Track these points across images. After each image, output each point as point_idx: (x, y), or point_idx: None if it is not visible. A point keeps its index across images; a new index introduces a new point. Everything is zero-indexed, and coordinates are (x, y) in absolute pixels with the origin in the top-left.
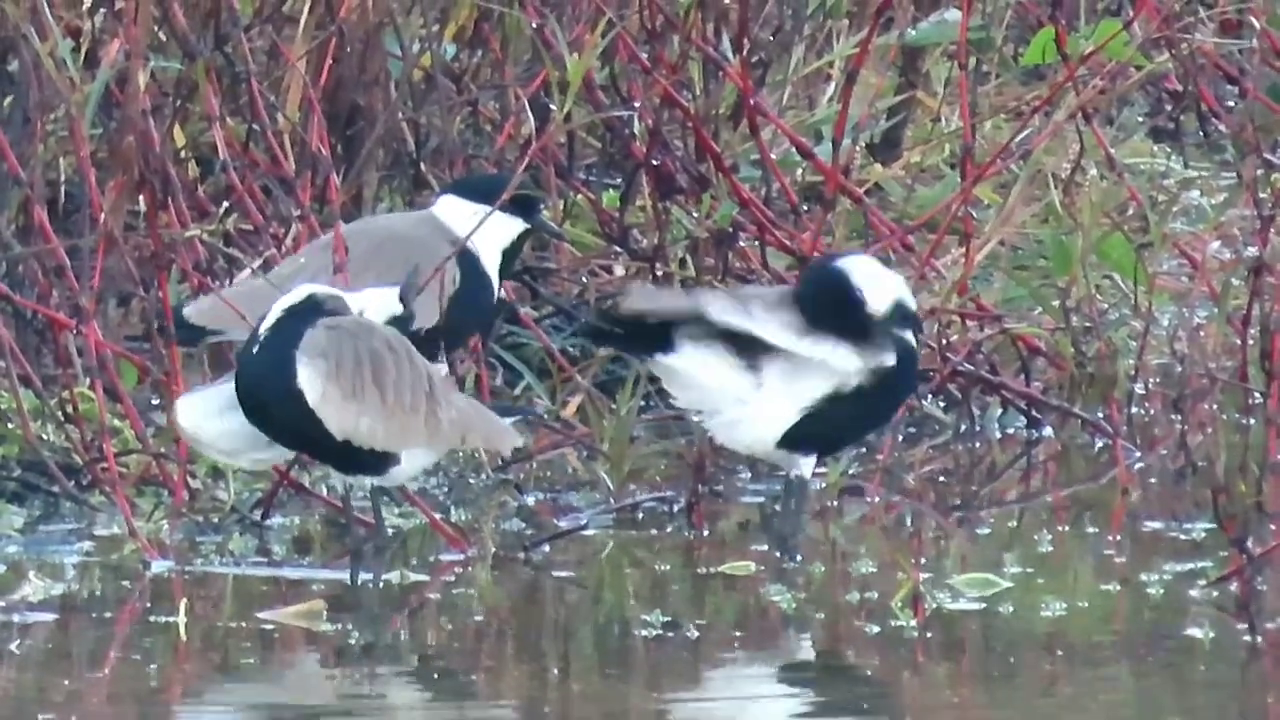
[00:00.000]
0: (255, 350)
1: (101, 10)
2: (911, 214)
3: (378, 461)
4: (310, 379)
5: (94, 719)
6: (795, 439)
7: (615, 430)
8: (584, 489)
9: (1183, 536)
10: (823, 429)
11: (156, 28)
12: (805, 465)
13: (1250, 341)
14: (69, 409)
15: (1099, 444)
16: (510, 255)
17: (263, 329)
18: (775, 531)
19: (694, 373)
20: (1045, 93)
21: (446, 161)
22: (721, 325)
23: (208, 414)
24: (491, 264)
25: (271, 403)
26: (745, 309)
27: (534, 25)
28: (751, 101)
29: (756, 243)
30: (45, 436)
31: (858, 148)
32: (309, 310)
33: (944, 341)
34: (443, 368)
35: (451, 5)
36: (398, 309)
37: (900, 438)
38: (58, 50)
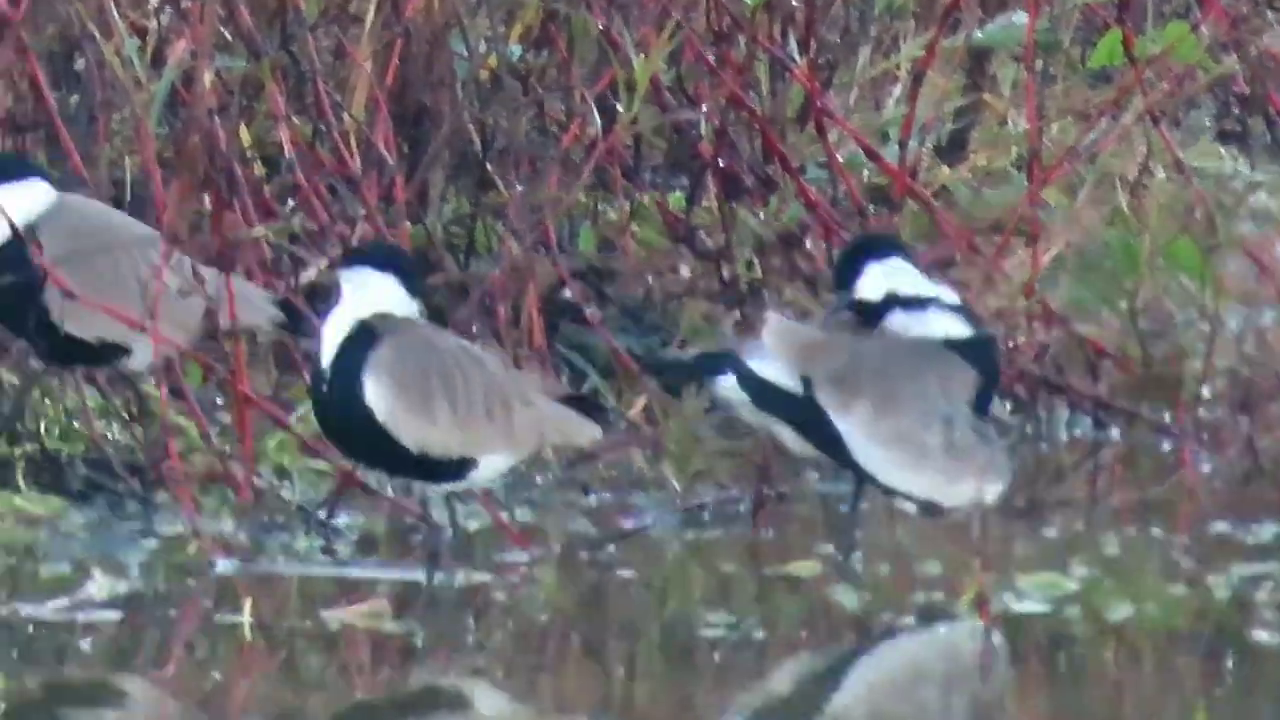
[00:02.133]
0: (324, 385)
1: (167, 9)
2: (978, 216)
3: (456, 469)
4: (378, 395)
5: (158, 718)
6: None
7: (681, 430)
8: (649, 489)
9: (1250, 539)
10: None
11: (222, 27)
12: None
13: None
14: (134, 408)
15: (1166, 446)
16: None
17: (325, 361)
18: (839, 529)
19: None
20: (1112, 95)
21: (512, 162)
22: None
23: None
24: None
25: (350, 427)
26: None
27: (601, 26)
28: (818, 103)
29: (823, 244)
30: (110, 435)
31: (924, 149)
32: (367, 335)
33: (1011, 344)
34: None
35: (518, 6)
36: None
37: None
38: (124, 49)
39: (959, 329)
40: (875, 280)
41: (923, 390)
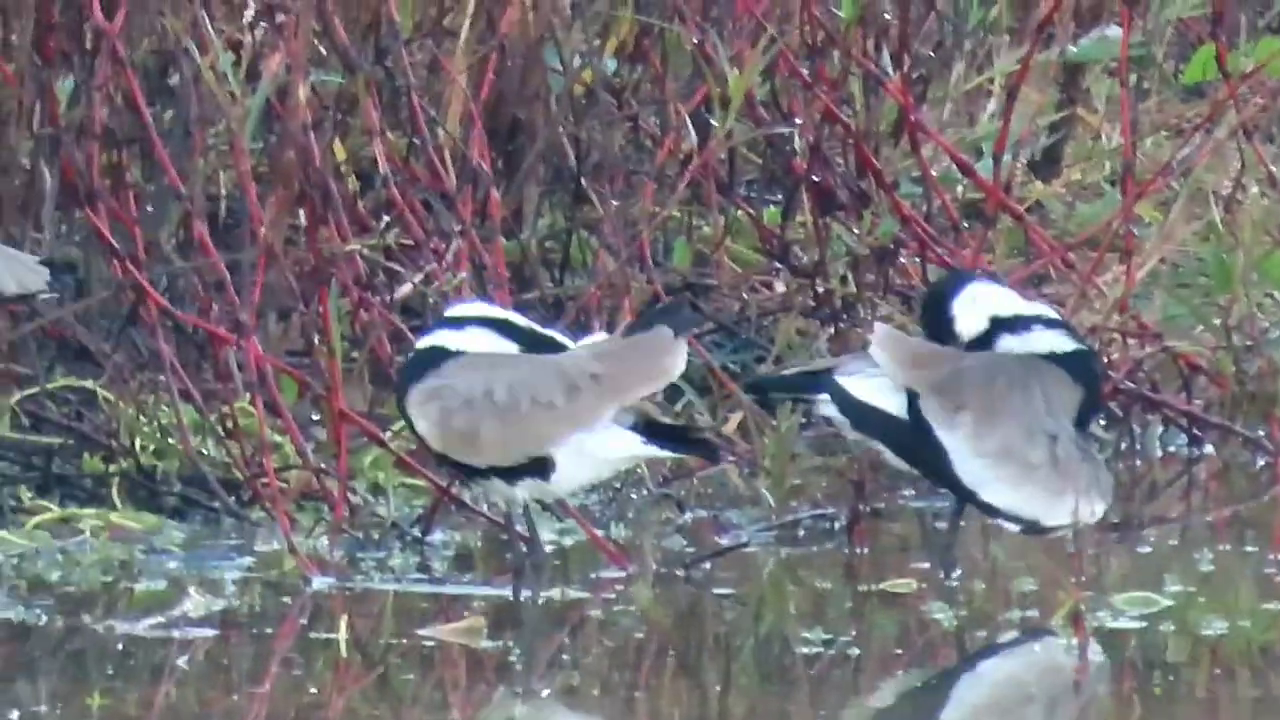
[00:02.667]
0: (398, 380)
1: (262, 24)
2: (1072, 231)
3: (530, 470)
4: (425, 429)
5: None
6: None
7: (776, 446)
8: (745, 506)
9: None
10: None
11: (317, 41)
12: None
13: None
14: (229, 424)
15: (1260, 462)
16: None
17: (408, 358)
18: (936, 545)
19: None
20: (1206, 110)
21: (607, 177)
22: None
23: None
24: None
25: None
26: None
27: (695, 41)
28: (912, 118)
29: (917, 259)
30: (205, 452)
31: (1019, 164)
32: (435, 356)
33: (1105, 359)
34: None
35: (612, 20)
36: None
37: None
38: (218, 64)
39: (1062, 343)
40: (968, 313)
41: (1028, 404)
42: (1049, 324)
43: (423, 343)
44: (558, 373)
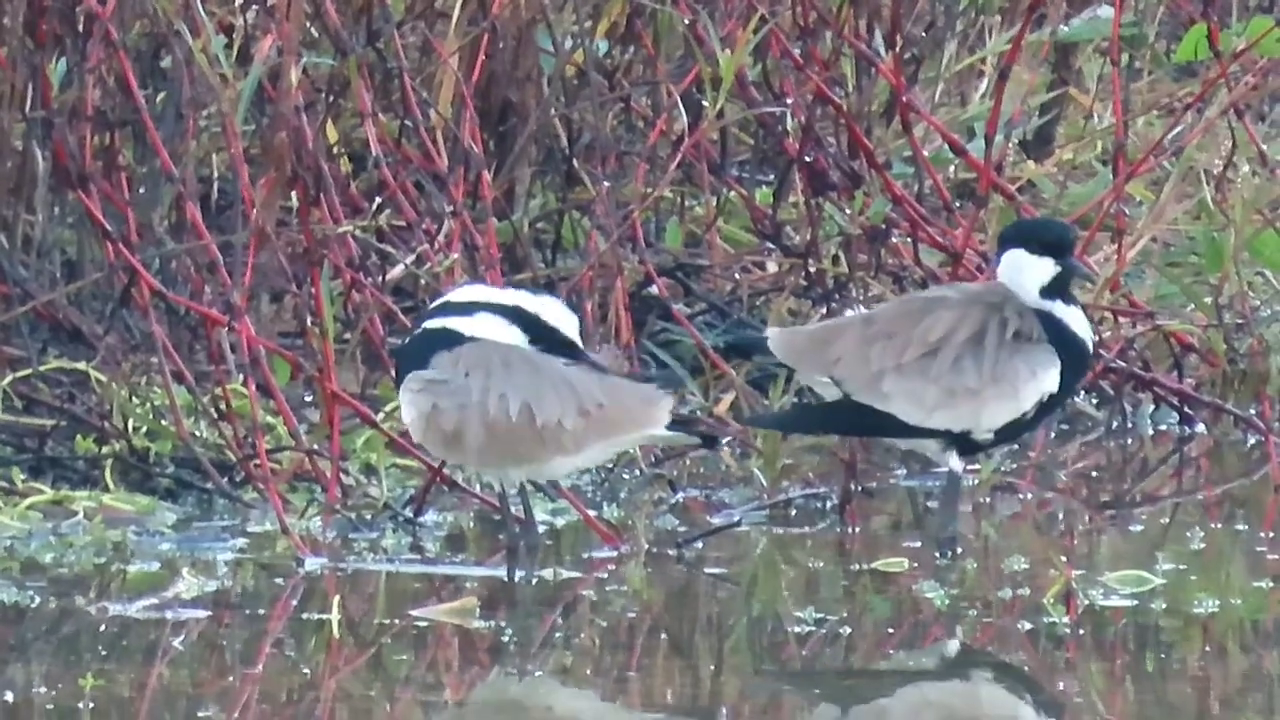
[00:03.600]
0: (395, 359)
1: (254, 7)
2: (1064, 211)
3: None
4: (412, 420)
5: (247, 716)
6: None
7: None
8: (737, 485)
9: None
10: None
11: (309, 24)
12: (955, 460)
13: None
14: (222, 406)
15: (1251, 440)
16: None
17: (407, 340)
18: (930, 528)
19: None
20: (1197, 89)
21: (599, 158)
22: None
23: None
24: None
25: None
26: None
27: (686, 21)
28: (904, 98)
29: (909, 239)
30: (198, 433)
31: (1010, 144)
32: (439, 340)
33: (1097, 338)
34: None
35: (604, 2)
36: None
37: (1053, 434)
38: (210, 47)
39: None
40: None
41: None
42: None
43: (432, 324)
44: (561, 395)
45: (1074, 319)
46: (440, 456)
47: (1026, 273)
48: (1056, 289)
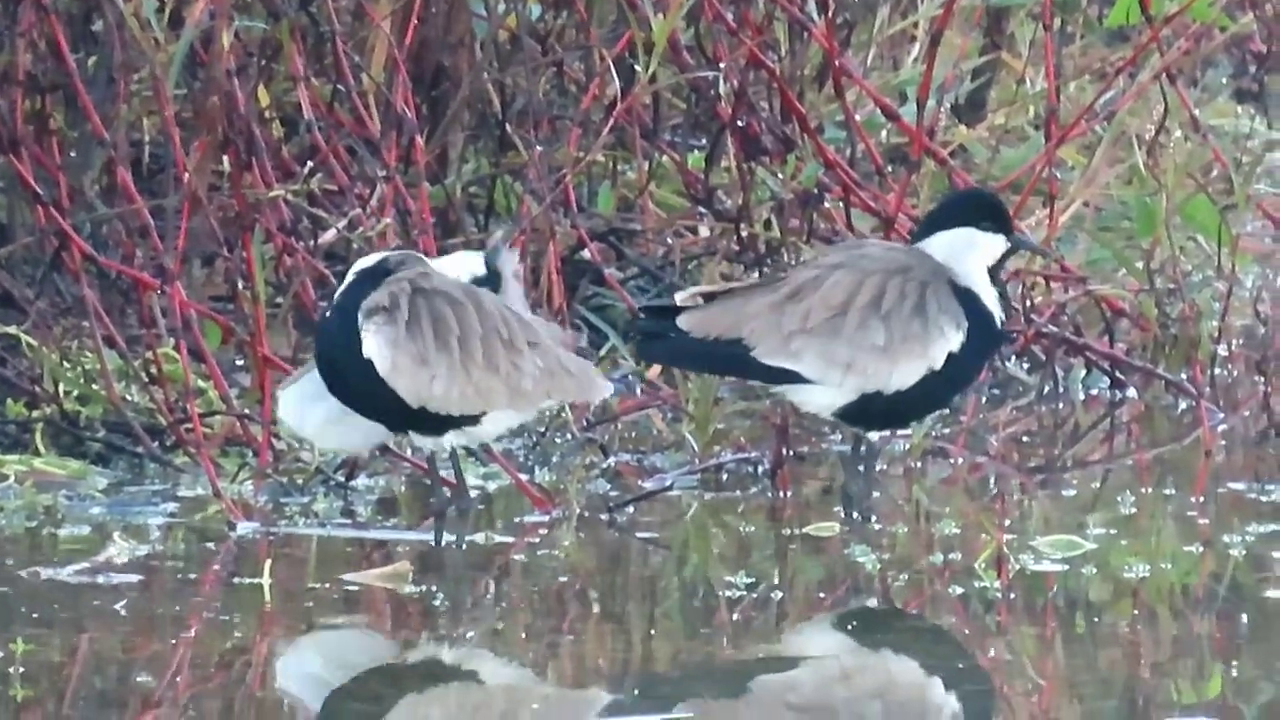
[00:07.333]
0: (329, 315)
1: None
2: (996, 175)
3: (458, 423)
4: (378, 347)
5: (178, 680)
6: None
7: (700, 391)
8: (669, 450)
9: (1265, 498)
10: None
11: None
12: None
13: None
14: (153, 370)
15: (1182, 405)
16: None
17: (337, 294)
18: (845, 493)
19: None
20: (1130, 54)
21: (531, 123)
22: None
23: (308, 402)
24: None
25: (345, 371)
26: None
27: None
28: (837, 63)
29: (841, 204)
30: (129, 397)
31: (942, 109)
32: (379, 273)
33: (1028, 303)
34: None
35: None
36: (481, 271)
37: (984, 399)
38: (142, 10)
39: None
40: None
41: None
42: None
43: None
44: (516, 321)
45: (990, 298)
46: (410, 391)
47: (977, 250)
48: (999, 267)
